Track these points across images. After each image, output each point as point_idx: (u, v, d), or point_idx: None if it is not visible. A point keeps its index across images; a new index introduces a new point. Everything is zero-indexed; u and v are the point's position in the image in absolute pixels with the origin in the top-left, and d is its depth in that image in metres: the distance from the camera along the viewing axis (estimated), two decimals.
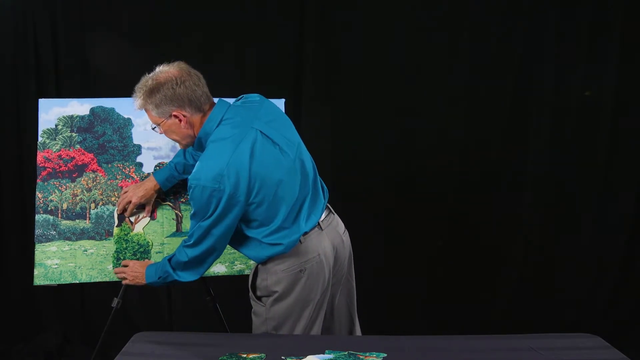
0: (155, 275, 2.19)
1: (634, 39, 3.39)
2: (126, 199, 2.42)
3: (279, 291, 2.10)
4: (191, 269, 2.10)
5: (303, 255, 2.10)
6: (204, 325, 2.48)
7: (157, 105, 2.02)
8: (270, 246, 2.07)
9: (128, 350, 1.90)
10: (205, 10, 3.35)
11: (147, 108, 2.06)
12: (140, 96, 2.04)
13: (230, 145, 1.97)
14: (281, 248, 2.07)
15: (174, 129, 2.06)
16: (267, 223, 2.05)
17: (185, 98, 2.01)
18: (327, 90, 3.43)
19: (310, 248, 2.11)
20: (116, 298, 2.52)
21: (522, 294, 3.53)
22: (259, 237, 2.07)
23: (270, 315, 2.12)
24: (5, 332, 3.41)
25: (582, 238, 3.53)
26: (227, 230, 2.02)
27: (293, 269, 2.09)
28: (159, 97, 2.00)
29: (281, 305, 2.11)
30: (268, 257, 2.09)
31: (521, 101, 3.46)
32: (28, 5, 3.30)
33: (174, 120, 2.03)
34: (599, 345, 1.93)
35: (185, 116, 2.02)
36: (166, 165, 2.46)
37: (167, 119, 2.04)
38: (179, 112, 2.02)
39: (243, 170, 1.94)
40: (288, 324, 2.12)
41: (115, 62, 3.32)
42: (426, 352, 1.89)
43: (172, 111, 2.02)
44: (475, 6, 3.41)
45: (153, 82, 2.02)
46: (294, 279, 2.09)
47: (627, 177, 3.49)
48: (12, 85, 3.36)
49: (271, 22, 3.38)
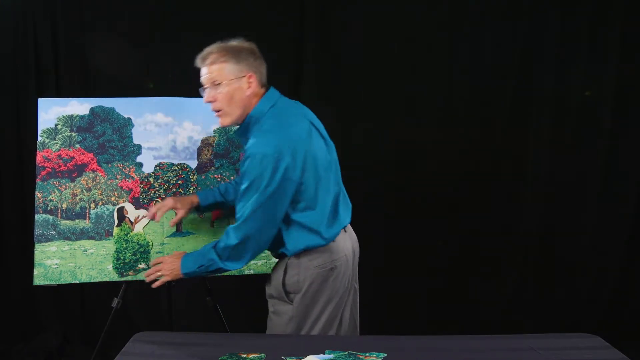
0: (194, 264, 2.14)
1: (634, 39, 3.39)
2: (165, 207, 2.40)
3: (309, 288, 2.11)
4: (237, 255, 2.07)
5: (335, 253, 2.13)
6: (204, 325, 2.49)
7: (238, 61, 2.05)
8: (312, 234, 2.08)
9: (128, 350, 1.89)
10: (205, 10, 3.35)
11: (223, 61, 2.06)
12: (219, 50, 2.06)
13: (288, 121, 2.05)
14: (320, 239, 2.10)
15: (237, 93, 2.07)
16: (313, 207, 2.08)
17: (259, 69, 2.09)
18: (327, 90, 3.42)
19: (339, 247, 2.15)
20: (116, 298, 2.52)
21: (522, 294, 3.53)
22: (304, 221, 2.08)
23: (296, 313, 2.13)
24: (5, 332, 3.41)
25: (582, 238, 3.53)
26: (277, 209, 2.01)
27: (325, 266, 2.12)
28: (242, 56, 2.06)
29: (309, 302, 2.12)
30: (305, 247, 2.10)
31: (521, 101, 3.46)
32: (28, 5, 3.30)
33: (244, 83, 2.06)
34: (599, 345, 1.93)
35: (254, 84, 2.07)
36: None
37: (239, 79, 2.06)
38: (253, 78, 2.07)
39: (301, 145, 2.01)
40: (309, 322, 2.13)
41: (115, 62, 3.32)
42: (426, 352, 1.89)
43: (248, 73, 2.06)
44: (475, 6, 3.41)
45: (237, 44, 2.08)
46: (325, 277, 2.12)
47: (627, 177, 3.49)
48: (12, 85, 3.36)
49: (271, 22, 3.38)
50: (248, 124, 2.10)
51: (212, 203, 2.45)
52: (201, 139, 2.62)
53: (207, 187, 2.56)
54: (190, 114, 2.61)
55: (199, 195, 2.44)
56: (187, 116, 2.61)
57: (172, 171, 2.58)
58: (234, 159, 2.64)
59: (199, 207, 2.45)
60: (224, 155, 2.63)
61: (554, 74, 3.43)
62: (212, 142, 2.63)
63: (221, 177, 2.62)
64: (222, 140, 2.63)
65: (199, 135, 2.61)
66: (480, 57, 3.44)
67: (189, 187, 2.58)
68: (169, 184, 2.57)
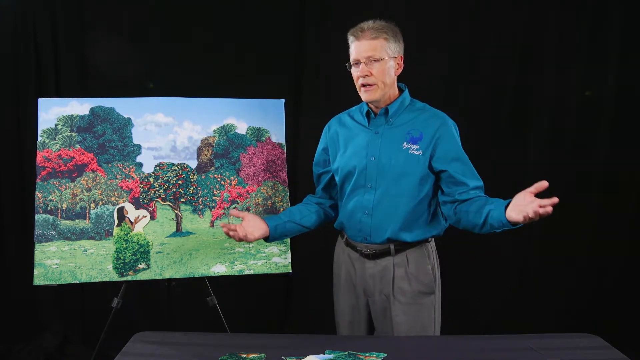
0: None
1: (634, 39, 3.39)
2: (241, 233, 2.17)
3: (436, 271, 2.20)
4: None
5: None
6: (204, 325, 2.48)
7: (397, 40, 2.11)
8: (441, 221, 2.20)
9: (128, 350, 1.89)
10: (205, 10, 3.35)
11: (385, 38, 2.08)
12: (382, 27, 2.09)
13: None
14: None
15: (391, 70, 2.11)
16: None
17: (403, 56, 2.16)
18: (327, 90, 3.42)
19: None
20: (116, 298, 2.52)
21: (522, 294, 3.53)
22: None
23: (437, 300, 2.19)
24: (5, 332, 3.41)
25: (582, 238, 3.53)
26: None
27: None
28: (399, 37, 2.13)
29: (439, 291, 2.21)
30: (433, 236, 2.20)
31: (521, 101, 3.46)
32: (28, 5, 3.30)
33: (397, 63, 2.12)
34: (599, 345, 1.93)
35: (401, 69, 2.14)
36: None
37: (392, 59, 2.10)
38: (401, 60, 2.14)
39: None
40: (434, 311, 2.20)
41: (115, 62, 3.32)
42: (426, 352, 1.89)
43: (400, 55, 2.13)
44: (475, 6, 3.41)
45: (394, 26, 2.13)
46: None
47: (627, 177, 3.48)
48: (12, 85, 3.36)
49: (271, 22, 3.38)
50: (400, 104, 2.16)
51: (282, 234, 2.26)
52: (201, 139, 2.62)
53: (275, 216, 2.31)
54: (190, 114, 2.62)
55: (269, 225, 2.21)
56: (187, 116, 2.61)
57: (172, 171, 2.58)
58: (233, 159, 2.64)
59: (267, 239, 2.24)
60: (224, 155, 2.63)
61: (554, 74, 3.43)
62: (212, 142, 2.63)
63: (221, 177, 2.62)
64: (222, 140, 2.63)
65: (199, 135, 2.61)
66: (481, 57, 3.44)
67: (188, 187, 2.58)
68: (169, 184, 2.57)
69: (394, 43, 2.09)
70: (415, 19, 3.39)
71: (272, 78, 3.42)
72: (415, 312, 2.12)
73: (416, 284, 2.12)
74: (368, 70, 2.07)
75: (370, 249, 2.14)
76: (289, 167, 2.71)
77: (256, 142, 2.66)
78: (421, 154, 2.07)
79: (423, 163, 2.07)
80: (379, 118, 2.15)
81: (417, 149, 2.08)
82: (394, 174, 2.08)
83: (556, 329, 2.15)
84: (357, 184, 2.14)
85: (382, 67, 2.07)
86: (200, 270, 2.52)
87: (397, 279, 2.12)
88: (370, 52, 2.06)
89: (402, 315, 2.12)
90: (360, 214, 2.13)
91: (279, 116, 2.68)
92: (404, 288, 2.12)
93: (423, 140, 2.08)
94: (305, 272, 3.13)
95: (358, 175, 2.13)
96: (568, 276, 3.54)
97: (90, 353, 2.63)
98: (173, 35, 3.37)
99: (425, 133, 2.08)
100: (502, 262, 3.55)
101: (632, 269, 3.51)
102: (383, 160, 2.10)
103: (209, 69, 3.37)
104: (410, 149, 2.08)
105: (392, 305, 2.12)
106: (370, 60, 2.07)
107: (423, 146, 2.07)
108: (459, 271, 3.51)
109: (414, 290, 2.12)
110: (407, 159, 2.08)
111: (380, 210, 2.10)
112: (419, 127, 2.10)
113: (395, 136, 2.11)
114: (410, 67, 2.21)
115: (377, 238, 2.12)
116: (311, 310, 3.30)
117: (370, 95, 2.10)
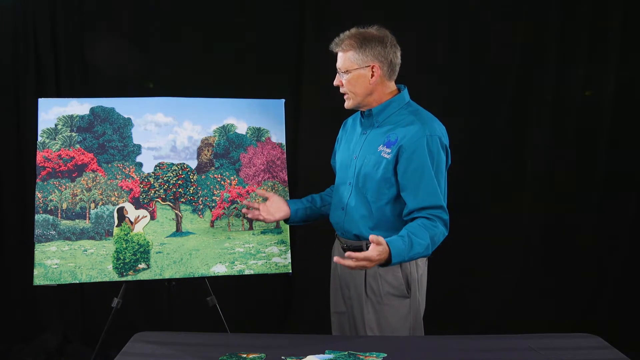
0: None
1: (634, 39, 3.39)
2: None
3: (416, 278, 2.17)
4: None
5: None
6: (204, 325, 2.48)
7: (363, 50, 2.07)
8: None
9: (128, 350, 1.89)
10: (205, 10, 3.35)
11: (348, 50, 2.08)
12: (348, 38, 2.09)
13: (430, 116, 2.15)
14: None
15: (361, 81, 2.09)
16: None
17: (388, 59, 2.09)
18: (327, 90, 3.42)
19: None
20: (116, 298, 2.52)
21: (522, 294, 3.53)
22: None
23: (415, 305, 2.17)
24: (5, 332, 3.41)
25: (582, 238, 3.53)
26: (444, 182, 2.14)
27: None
28: (370, 45, 2.07)
29: (421, 296, 2.21)
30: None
31: (521, 101, 3.46)
32: (28, 5, 3.30)
33: (368, 72, 2.08)
34: (599, 345, 1.93)
35: (379, 75, 2.09)
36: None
37: (363, 69, 2.08)
38: (377, 68, 2.08)
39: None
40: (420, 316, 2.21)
41: (115, 62, 3.32)
42: (426, 352, 1.89)
43: (372, 64, 2.08)
44: (475, 6, 3.41)
45: (368, 33, 2.09)
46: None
47: (627, 177, 3.49)
48: (12, 85, 3.36)
49: (271, 21, 3.38)
50: (387, 106, 2.12)
51: (302, 218, 2.38)
52: (201, 139, 2.62)
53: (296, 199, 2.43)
54: (190, 114, 2.61)
55: (291, 209, 2.35)
56: (187, 116, 2.61)
57: (172, 171, 2.58)
58: (233, 159, 2.64)
59: (287, 221, 2.40)
60: (223, 155, 2.63)
61: (554, 74, 3.43)
62: (212, 142, 2.63)
63: (221, 177, 2.62)
64: (222, 140, 2.63)
65: (199, 135, 2.61)
66: (481, 57, 3.44)
67: (188, 187, 2.58)
68: (169, 184, 2.57)
69: (363, 53, 2.07)
70: (415, 18, 3.39)
71: (272, 78, 3.42)
72: (385, 312, 2.14)
73: (385, 285, 2.14)
74: (340, 81, 2.14)
75: (348, 244, 2.20)
76: (289, 167, 2.71)
77: (256, 142, 2.66)
78: (389, 158, 2.07)
79: (386, 167, 2.07)
80: (368, 119, 2.17)
81: (388, 153, 2.07)
82: (363, 174, 2.12)
83: (556, 329, 2.16)
84: (340, 179, 2.23)
85: (350, 78, 2.10)
86: (200, 270, 2.52)
87: (369, 277, 2.15)
88: (339, 64, 2.13)
89: (373, 314, 2.15)
90: (338, 209, 2.22)
91: (279, 116, 2.68)
92: (374, 287, 2.15)
93: (395, 145, 2.07)
94: (305, 272, 3.14)
95: (342, 171, 2.23)
96: (568, 276, 3.54)
97: (90, 353, 2.63)
98: (173, 35, 3.37)
99: (400, 138, 2.07)
100: (502, 262, 3.55)
101: (632, 269, 3.51)
102: (360, 159, 2.14)
103: (209, 69, 3.37)
104: (383, 151, 2.09)
105: (365, 303, 2.16)
106: (341, 71, 2.12)
107: (394, 151, 2.07)
108: (459, 271, 3.52)
109: (383, 290, 2.14)
110: (377, 160, 2.09)
111: (352, 207, 2.15)
112: (399, 131, 2.09)
113: (376, 138, 2.13)
114: (411, 67, 2.20)
115: (349, 234, 2.18)
116: (311, 310, 3.30)
117: (346, 104, 2.18)
